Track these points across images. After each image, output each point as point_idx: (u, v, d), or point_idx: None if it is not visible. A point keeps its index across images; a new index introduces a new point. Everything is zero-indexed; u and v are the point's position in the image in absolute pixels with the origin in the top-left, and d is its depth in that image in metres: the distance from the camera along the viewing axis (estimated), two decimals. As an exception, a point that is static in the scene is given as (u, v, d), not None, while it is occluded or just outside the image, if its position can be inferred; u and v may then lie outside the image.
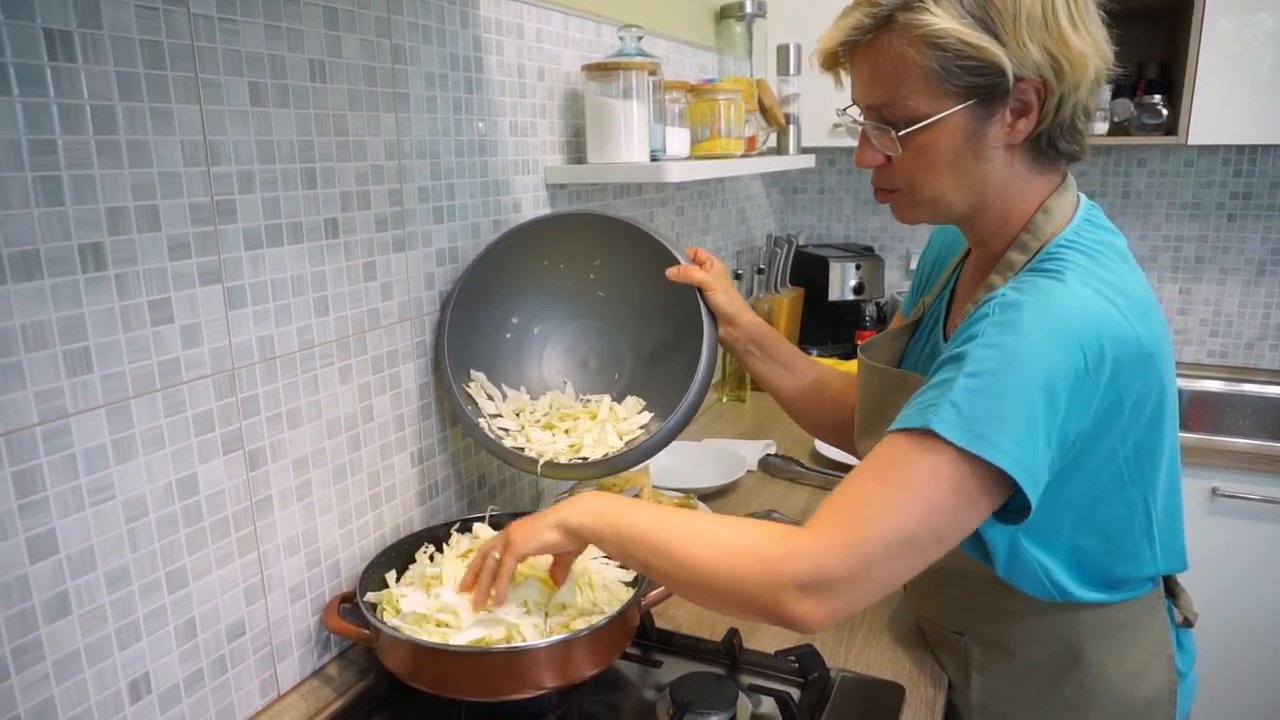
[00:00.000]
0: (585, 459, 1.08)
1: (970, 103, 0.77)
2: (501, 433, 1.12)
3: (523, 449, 1.10)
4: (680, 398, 1.05)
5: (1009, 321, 0.73)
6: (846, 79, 0.86)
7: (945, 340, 0.94)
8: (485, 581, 0.88)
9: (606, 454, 1.08)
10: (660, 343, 1.21)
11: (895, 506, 0.72)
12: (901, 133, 0.80)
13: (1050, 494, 0.76)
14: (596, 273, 1.22)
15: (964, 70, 0.76)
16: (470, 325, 1.15)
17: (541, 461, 1.07)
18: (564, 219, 1.19)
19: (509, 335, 1.22)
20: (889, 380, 0.94)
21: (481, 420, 1.12)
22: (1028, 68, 0.76)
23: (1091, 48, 0.78)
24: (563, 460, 1.08)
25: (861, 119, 0.85)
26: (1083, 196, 0.87)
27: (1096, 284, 0.76)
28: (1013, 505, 0.75)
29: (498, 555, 0.87)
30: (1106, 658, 0.90)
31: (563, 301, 1.24)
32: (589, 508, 0.84)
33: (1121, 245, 0.83)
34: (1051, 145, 0.82)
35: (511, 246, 1.17)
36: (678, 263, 1.09)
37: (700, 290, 1.09)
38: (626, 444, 1.09)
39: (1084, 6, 0.78)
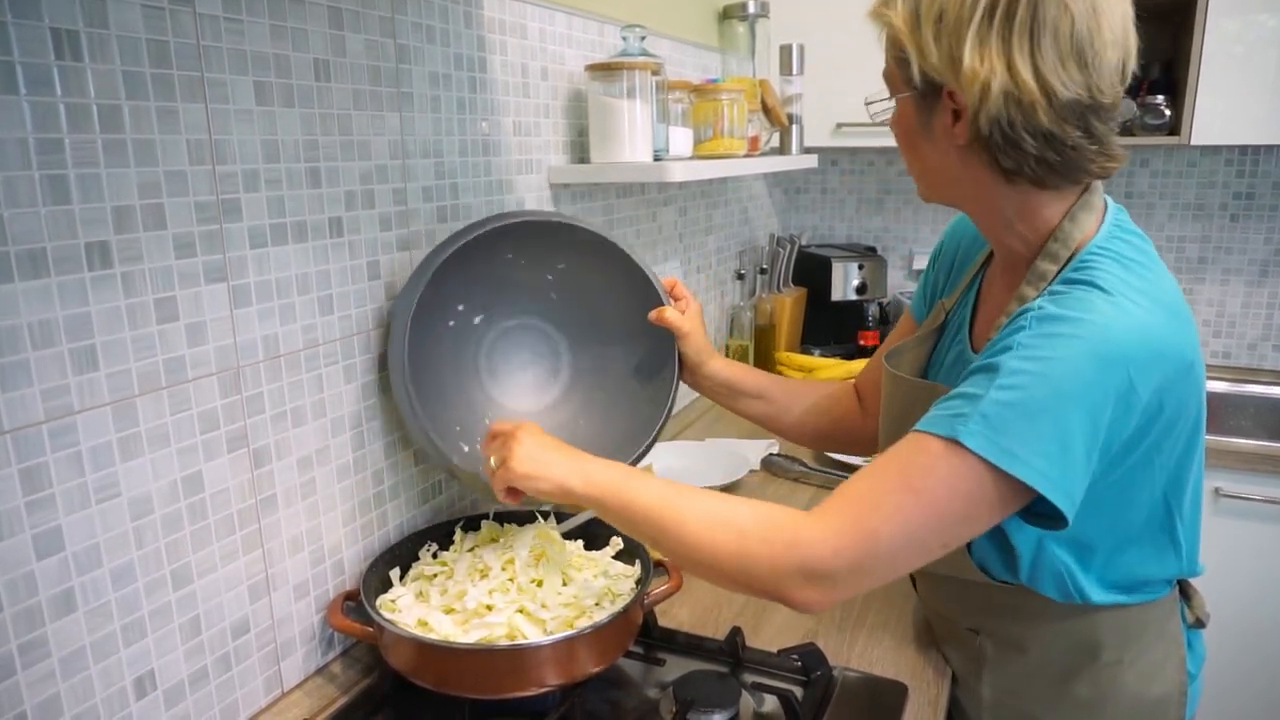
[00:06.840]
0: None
1: (909, 94, 0.82)
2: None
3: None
4: (631, 444, 1.09)
5: (1047, 335, 0.72)
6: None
7: (973, 349, 0.92)
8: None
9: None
10: (612, 358, 1.19)
11: (907, 509, 0.72)
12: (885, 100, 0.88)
13: (1083, 499, 0.74)
14: (556, 275, 1.17)
15: (897, 63, 0.82)
16: (421, 316, 1.01)
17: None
18: (542, 224, 1.08)
19: (452, 323, 1.13)
20: (915, 391, 0.93)
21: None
22: (931, 74, 0.78)
23: (993, 69, 0.73)
24: None
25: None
26: (1109, 200, 0.85)
27: (1134, 295, 0.74)
28: (1036, 508, 0.74)
29: (493, 466, 0.89)
30: (1123, 658, 0.90)
31: (512, 294, 1.16)
32: (600, 480, 0.84)
33: (1150, 248, 0.82)
34: (1041, 164, 0.78)
35: (479, 241, 1.03)
36: (654, 290, 1.09)
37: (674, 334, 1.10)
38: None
39: (1005, 27, 0.73)
